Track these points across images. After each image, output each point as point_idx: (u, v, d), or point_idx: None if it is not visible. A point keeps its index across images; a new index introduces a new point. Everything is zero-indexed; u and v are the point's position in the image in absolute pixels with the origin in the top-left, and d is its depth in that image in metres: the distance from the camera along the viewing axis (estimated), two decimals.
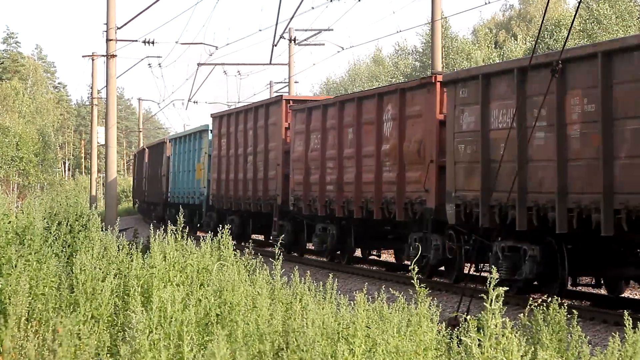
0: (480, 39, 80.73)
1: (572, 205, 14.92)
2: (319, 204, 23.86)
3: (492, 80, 17.01)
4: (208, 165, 34.52)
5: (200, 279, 10.06)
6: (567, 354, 7.67)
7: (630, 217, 13.89)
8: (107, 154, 32.71)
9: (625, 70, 14.05)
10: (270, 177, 27.55)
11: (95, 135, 58.32)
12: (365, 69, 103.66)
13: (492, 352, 6.61)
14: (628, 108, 13.95)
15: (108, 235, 12.09)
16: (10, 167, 77.23)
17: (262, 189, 28.01)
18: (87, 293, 9.20)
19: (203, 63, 51.08)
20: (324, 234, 24.45)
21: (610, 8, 59.71)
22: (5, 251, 10.63)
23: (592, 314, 15.38)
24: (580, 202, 14.75)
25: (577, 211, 14.81)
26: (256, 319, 8.16)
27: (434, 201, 18.92)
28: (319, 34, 45.64)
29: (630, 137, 13.91)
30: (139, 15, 33.55)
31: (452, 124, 18.16)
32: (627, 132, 13.96)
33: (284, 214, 26.87)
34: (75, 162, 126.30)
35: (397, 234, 22.49)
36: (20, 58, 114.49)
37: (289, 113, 26.61)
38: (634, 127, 13.85)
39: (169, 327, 7.78)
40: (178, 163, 40.67)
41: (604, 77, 14.25)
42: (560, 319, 7.95)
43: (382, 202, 20.85)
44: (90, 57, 53.53)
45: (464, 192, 17.72)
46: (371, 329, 7.26)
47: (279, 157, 26.83)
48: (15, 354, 7.69)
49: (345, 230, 23.72)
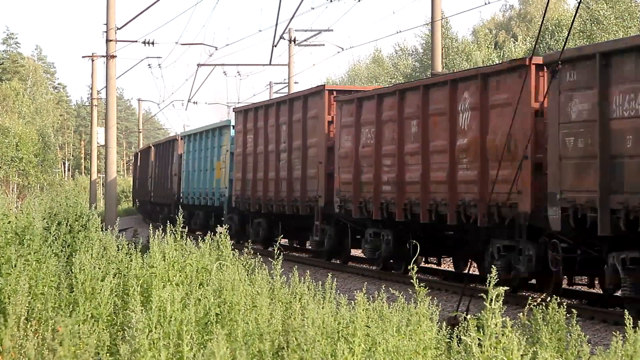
0: (480, 40, 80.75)
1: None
2: (373, 207, 21.18)
3: (614, 60, 14.28)
4: (230, 163, 31.84)
5: (200, 278, 10.06)
6: (566, 353, 7.67)
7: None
8: (107, 154, 32.73)
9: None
10: (309, 176, 24.91)
11: (95, 136, 58.32)
12: (365, 70, 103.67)
13: (492, 352, 6.60)
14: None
15: (107, 235, 12.09)
16: (10, 167, 77.21)
17: (300, 189, 25.45)
18: (87, 292, 9.20)
19: (203, 64, 51.11)
20: (376, 239, 21.75)
21: (609, 8, 59.70)
22: (4, 251, 10.63)
23: (592, 313, 15.36)
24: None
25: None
26: (256, 318, 8.16)
27: (529, 204, 16.24)
28: (319, 35, 45.67)
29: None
30: (138, 16, 33.60)
31: (555, 113, 15.47)
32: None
33: (325, 217, 24.29)
34: (75, 162, 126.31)
35: (463, 240, 19.92)
36: (20, 59, 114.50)
37: (332, 105, 23.69)
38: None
39: (168, 326, 7.78)
40: (193, 161, 37.97)
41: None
42: (559, 318, 7.95)
43: (458, 204, 18.19)
44: (90, 57, 53.57)
45: (573, 193, 15.04)
46: (371, 329, 7.26)
47: (321, 154, 24.11)
48: (15, 353, 7.68)
49: (403, 236, 20.90)
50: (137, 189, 60.25)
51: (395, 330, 7.31)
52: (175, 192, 42.21)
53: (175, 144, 43.23)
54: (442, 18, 46.37)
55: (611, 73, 14.34)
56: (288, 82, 47.11)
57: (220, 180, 33.50)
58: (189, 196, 37.93)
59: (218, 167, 33.74)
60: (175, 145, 43.12)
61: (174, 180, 42.30)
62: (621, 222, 13.92)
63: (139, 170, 58.23)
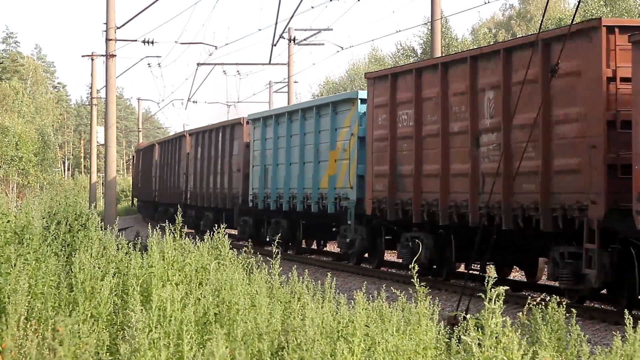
0: (480, 39, 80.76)
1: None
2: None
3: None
4: (359, 152, 22.85)
5: (200, 277, 10.06)
6: (566, 353, 7.67)
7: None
8: (107, 153, 32.73)
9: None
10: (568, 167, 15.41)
11: (94, 135, 58.31)
12: (365, 69, 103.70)
13: (492, 352, 6.60)
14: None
15: (107, 235, 12.09)
16: (10, 166, 77.23)
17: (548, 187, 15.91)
18: (87, 292, 9.19)
19: (202, 63, 51.14)
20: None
21: (606, 7, 59.75)
22: (4, 250, 10.62)
23: (592, 313, 15.35)
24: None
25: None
26: (255, 317, 8.16)
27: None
28: (319, 34, 45.67)
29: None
30: (138, 15, 33.61)
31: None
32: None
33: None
34: (75, 161, 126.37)
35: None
36: (20, 58, 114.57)
37: (618, 52, 14.52)
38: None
39: (168, 326, 7.78)
40: (275, 152, 28.33)
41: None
42: (559, 318, 7.94)
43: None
44: (90, 57, 53.59)
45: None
46: (370, 328, 7.26)
47: (594, 132, 14.65)
48: (16, 353, 7.68)
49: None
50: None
51: (395, 329, 7.31)
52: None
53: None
54: (442, 17, 46.39)
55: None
56: (288, 81, 47.11)
57: (336, 177, 24.30)
58: (266, 199, 28.79)
59: (332, 158, 24.52)
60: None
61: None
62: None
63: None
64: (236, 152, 32.61)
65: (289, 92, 46.16)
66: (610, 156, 14.26)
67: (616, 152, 14.24)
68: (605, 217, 14.29)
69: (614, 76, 14.39)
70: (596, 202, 14.37)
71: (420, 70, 19.92)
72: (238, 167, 32.06)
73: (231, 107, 70.75)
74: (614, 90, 14.35)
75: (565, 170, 15.11)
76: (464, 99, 18.00)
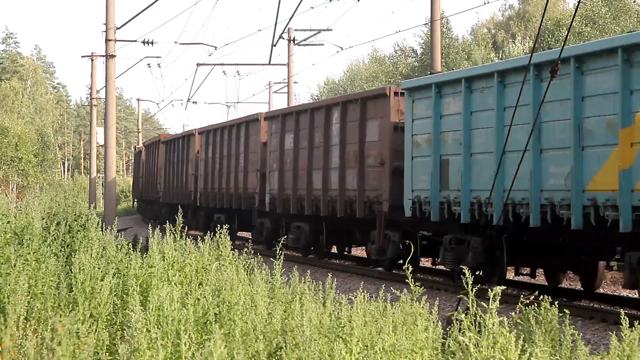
0: (479, 39, 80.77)
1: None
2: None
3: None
4: None
5: (199, 278, 10.08)
6: (560, 353, 7.69)
7: None
8: (106, 154, 32.74)
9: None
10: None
11: (94, 136, 58.31)
12: (365, 70, 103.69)
13: (490, 351, 6.62)
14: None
15: (107, 235, 12.11)
16: (10, 167, 77.26)
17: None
18: (86, 292, 9.22)
19: (202, 63, 51.15)
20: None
21: (604, 7, 59.73)
22: (4, 251, 10.65)
23: (592, 313, 15.36)
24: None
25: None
26: (253, 318, 8.18)
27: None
28: (318, 34, 45.68)
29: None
30: (138, 16, 33.62)
31: None
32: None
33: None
34: (75, 162, 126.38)
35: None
36: (20, 58, 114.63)
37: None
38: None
39: (167, 326, 7.80)
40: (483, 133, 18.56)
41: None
42: (551, 318, 7.95)
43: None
44: (90, 57, 53.61)
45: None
46: (367, 327, 7.28)
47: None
48: (15, 353, 7.70)
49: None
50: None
51: (392, 329, 7.33)
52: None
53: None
54: (443, 18, 46.40)
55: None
56: (287, 81, 47.12)
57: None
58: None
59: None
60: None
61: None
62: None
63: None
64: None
65: (289, 92, 46.17)
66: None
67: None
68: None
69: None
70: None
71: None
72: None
73: (231, 107, 70.83)
74: None
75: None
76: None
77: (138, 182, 56.82)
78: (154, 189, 47.67)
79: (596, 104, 14.93)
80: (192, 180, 37.30)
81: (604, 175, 14.67)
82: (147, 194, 50.61)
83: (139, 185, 56.04)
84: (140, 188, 54.66)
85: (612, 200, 14.39)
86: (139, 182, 56.28)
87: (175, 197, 40.99)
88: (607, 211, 14.44)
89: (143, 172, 53.81)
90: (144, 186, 52.54)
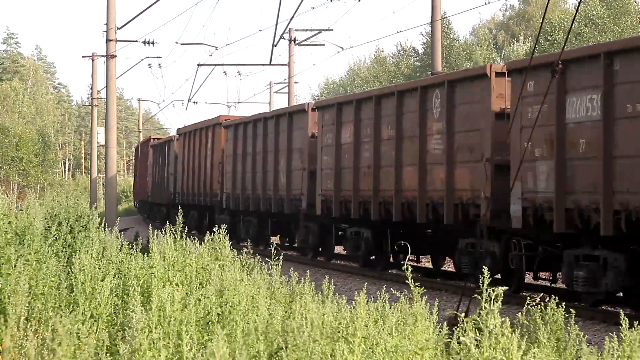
0: (480, 39, 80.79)
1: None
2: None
3: None
4: None
5: (200, 278, 10.07)
6: (565, 354, 7.68)
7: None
8: (107, 154, 32.75)
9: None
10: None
11: (95, 136, 58.37)
12: (366, 70, 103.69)
13: (492, 352, 6.61)
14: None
15: (108, 236, 12.11)
16: (11, 167, 77.31)
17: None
18: (87, 292, 9.21)
19: (203, 63, 51.13)
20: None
21: (603, 8, 59.71)
22: (5, 251, 10.64)
23: (592, 313, 15.34)
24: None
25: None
26: (255, 318, 8.17)
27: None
28: (319, 34, 45.70)
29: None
30: (139, 16, 33.63)
31: None
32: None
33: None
34: (76, 162, 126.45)
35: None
36: (20, 58, 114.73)
37: None
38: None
39: (168, 326, 7.79)
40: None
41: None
42: (557, 319, 7.95)
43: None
44: (90, 57, 53.64)
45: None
46: (369, 328, 7.27)
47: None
48: (15, 353, 7.70)
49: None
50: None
51: (394, 329, 7.32)
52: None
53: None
54: (444, 18, 46.46)
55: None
56: (288, 82, 47.13)
57: None
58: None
59: None
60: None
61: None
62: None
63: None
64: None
65: (290, 92, 46.18)
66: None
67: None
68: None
69: None
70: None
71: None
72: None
73: (231, 107, 70.88)
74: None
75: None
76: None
77: (144, 182, 51.68)
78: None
79: None
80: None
81: None
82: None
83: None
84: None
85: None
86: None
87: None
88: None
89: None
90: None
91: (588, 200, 14.82)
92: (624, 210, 14.11)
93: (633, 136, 14.02)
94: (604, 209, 14.39)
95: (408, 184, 20.19)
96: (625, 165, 14.18)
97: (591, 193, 14.77)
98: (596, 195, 14.60)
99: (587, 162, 14.90)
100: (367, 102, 22.19)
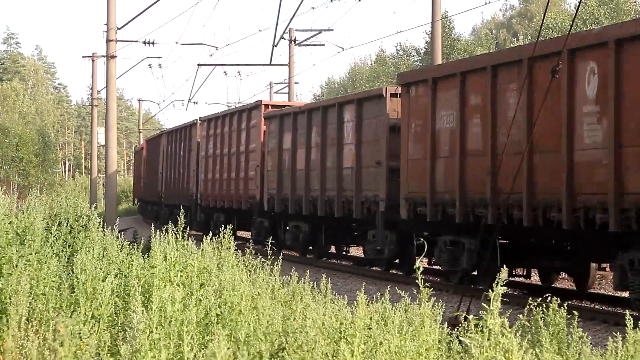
0: (482, 39, 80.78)
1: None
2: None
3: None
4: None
5: (201, 278, 10.06)
6: (567, 354, 7.67)
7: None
8: (107, 154, 32.73)
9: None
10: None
11: (95, 136, 58.34)
12: (367, 70, 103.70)
13: (492, 352, 6.61)
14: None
15: (108, 236, 12.10)
16: (11, 167, 77.32)
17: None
18: (88, 293, 9.20)
19: (203, 64, 51.12)
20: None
21: (599, 7, 59.71)
22: (5, 251, 10.64)
23: (593, 314, 15.35)
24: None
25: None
26: (256, 319, 8.17)
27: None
28: (319, 34, 45.69)
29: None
30: (139, 16, 33.61)
31: None
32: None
33: None
34: (76, 162, 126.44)
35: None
36: (21, 59, 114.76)
37: None
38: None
39: (169, 326, 7.79)
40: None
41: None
42: (559, 320, 7.94)
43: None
44: (91, 57, 53.59)
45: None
46: (372, 329, 7.26)
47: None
48: (17, 354, 7.69)
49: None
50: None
51: (397, 330, 7.31)
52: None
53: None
54: (445, 18, 46.48)
55: None
56: (288, 82, 47.12)
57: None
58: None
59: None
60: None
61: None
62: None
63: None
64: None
65: (290, 92, 46.18)
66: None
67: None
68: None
69: None
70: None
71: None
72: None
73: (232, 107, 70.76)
74: None
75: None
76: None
77: (155, 181, 47.62)
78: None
79: None
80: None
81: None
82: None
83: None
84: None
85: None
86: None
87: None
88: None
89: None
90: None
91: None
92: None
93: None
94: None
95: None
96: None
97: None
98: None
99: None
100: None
